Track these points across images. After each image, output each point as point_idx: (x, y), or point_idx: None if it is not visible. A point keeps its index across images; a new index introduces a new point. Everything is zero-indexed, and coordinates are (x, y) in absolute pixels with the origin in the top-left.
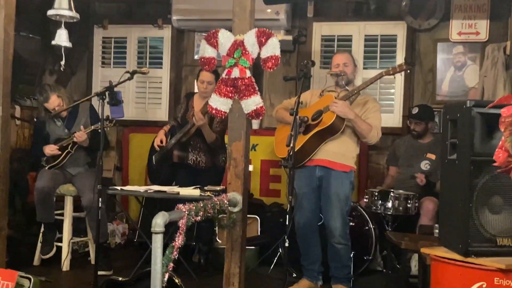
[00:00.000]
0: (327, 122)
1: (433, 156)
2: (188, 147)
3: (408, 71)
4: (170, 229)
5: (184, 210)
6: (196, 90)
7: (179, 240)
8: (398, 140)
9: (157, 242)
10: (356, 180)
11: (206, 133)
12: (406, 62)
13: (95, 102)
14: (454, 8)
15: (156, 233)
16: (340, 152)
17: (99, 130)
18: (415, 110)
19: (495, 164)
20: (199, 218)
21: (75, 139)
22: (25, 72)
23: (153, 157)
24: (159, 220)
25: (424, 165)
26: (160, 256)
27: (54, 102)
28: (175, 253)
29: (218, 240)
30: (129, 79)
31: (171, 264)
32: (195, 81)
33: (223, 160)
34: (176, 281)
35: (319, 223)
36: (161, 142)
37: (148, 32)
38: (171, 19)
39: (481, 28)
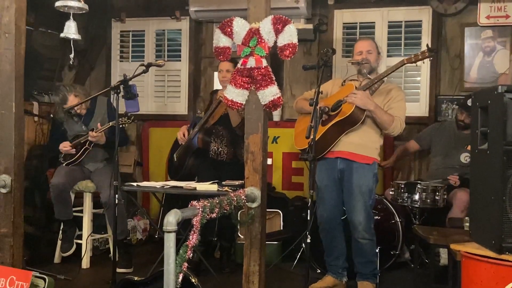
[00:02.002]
0: (346, 112)
1: None
2: (211, 135)
3: (431, 58)
4: (189, 226)
5: (198, 207)
6: (218, 86)
7: (193, 239)
8: (438, 124)
9: (170, 241)
10: (381, 172)
11: (232, 113)
12: (429, 49)
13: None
14: None
15: (168, 232)
16: (362, 144)
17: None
18: (471, 102)
19: None
20: (214, 215)
21: (90, 138)
22: (44, 67)
23: (174, 154)
24: (171, 218)
25: (464, 158)
26: (173, 255)
27: (73, 102)
28: (189, 252)
29: (240, 235)
30: (144, 72)
31: (185, 264)
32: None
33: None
34: (193, 280)
35: (342, 217)
36: (184, 136)
37: (166, 25)
38: (189, 10)
39: (511, 11)
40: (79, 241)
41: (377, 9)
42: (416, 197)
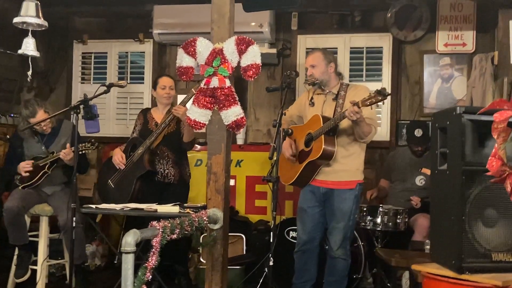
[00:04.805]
0: (316, 154)
1: (428, 171)
2: (155, 157)
3: (383, 101)
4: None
5: (158, 227)
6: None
7: (152, 261)
8: (393, 152)
9: (128, 262)
10: None
11: (186, 128)
12: (379, 92)
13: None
14: (440, 19)
15: (126, 252)
16: (343, 169)
17: (80, 152)
18: (419, 133)
19: (488, 173)
20: (175, 236)
21: (61, 157)
22: (1, 88)
23: (110, 180)
24: (130, 239)
25: (419, 181)
26: (131, 278)
27: (41, 117)
28: (148, 274)
29: (202, 260)
30: (105, 92)
31: (144, 287)
32: (153, 90)
33: (189, 174)
34: None
35: (320, 240)
36: (122, 159)
37: (129, 47)
38: (153, 33)
39: (468, 39)
40: (34, 267)
41: (339, 35)
42: (378, 220)
